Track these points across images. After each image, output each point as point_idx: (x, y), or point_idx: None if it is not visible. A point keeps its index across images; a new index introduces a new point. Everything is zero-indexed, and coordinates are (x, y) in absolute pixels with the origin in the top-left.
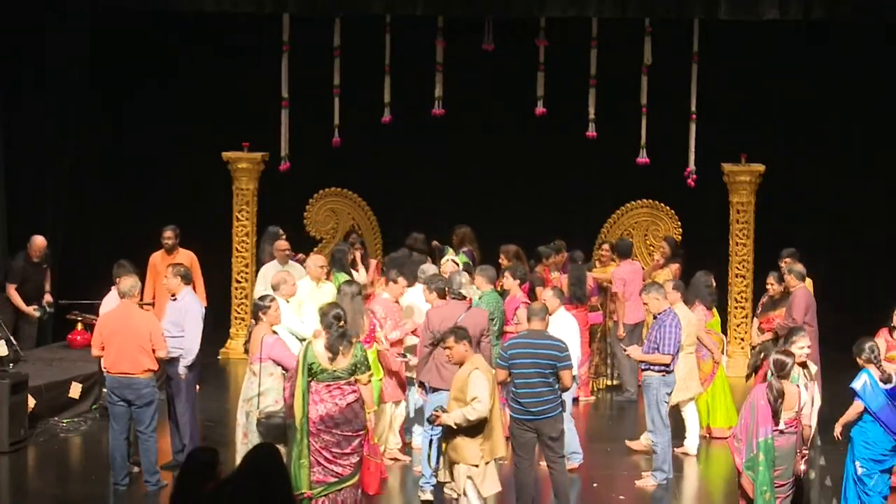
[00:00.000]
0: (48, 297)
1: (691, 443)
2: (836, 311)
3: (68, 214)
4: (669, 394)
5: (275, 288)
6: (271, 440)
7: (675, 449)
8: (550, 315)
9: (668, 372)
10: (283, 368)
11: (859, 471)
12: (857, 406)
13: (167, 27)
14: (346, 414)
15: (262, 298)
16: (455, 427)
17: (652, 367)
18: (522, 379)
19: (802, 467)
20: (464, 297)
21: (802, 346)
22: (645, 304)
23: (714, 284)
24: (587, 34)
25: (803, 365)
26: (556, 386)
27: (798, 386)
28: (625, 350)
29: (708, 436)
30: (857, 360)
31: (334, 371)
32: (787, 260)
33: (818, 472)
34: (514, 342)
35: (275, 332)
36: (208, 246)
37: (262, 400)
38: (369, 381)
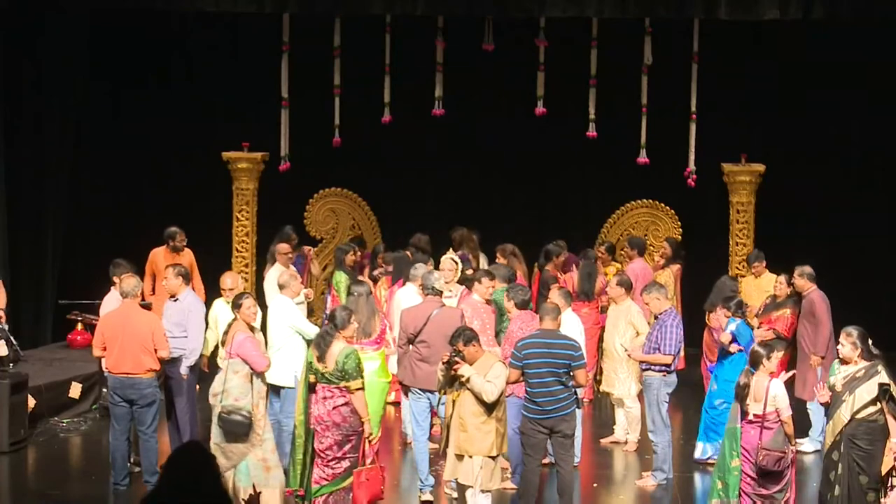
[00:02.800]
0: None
1: (619, 434)
2: (836, 310)
3: (68, 214)
4: (670, 394)
5: (281, 287)
6: (232, 438)
7: (602, 440)
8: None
9: (669, 372)
10: (250, 367)
11: (721, 405)
12: (733, 348)
13: (167, 27)
14: (332, 417)
15: (238, 296)
16: (466, 381)
17: (653, 368)
18: (536, 379)
19: (762, 461)
20: (439, 294)
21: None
22: (646, 303)
23: (738, 289)
24: (587, 34)
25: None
26: (571, 384)
27: (770, 380)
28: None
29: None
30: (725, 312)
31: (323, 372)
32: (756, 264)
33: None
34: (528, 342)
35: (252, 329)
36: (208, 246)
37: (225, 397)
38: (359, 390)
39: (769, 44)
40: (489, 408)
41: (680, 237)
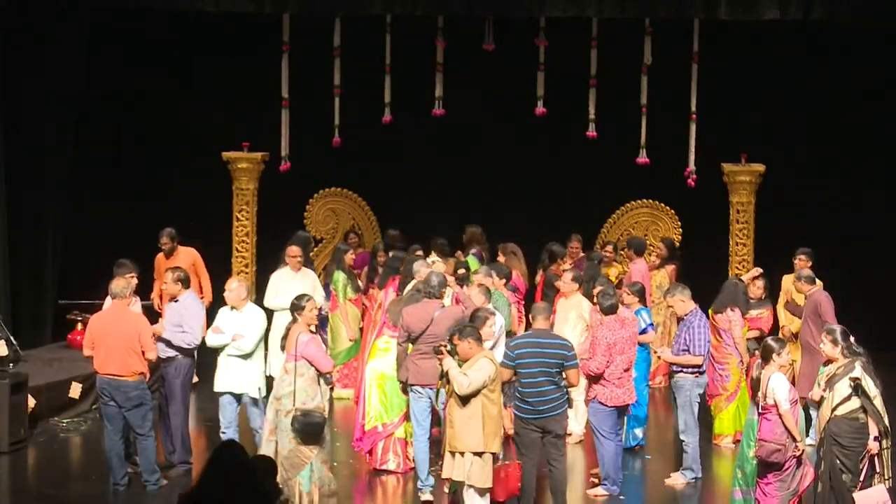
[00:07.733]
0: None
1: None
2: (836, 310)
3: (68, 214)
4: (702, 395)
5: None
6: (307, 438)
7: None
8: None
9: (701, 373)
10: (316, 369)
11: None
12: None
13: (167, 27)
14: None
15: (298, 298)
16: (446, 372)
17: (684, 370)
18: (528, 378)
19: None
20: (440, 296)
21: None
22: (670, 306)
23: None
24: (587, 34)
25: None
26: (563, 384)
27: (770, 375)
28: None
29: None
30: (626, 296)
31: None
32: (802, 257)
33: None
34: (520, 342)
35: (312, 332)
36: (208, 246)
37: (294, 400)
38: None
39: (769, 44)
40: (470, 402)
41: (680, 237)
